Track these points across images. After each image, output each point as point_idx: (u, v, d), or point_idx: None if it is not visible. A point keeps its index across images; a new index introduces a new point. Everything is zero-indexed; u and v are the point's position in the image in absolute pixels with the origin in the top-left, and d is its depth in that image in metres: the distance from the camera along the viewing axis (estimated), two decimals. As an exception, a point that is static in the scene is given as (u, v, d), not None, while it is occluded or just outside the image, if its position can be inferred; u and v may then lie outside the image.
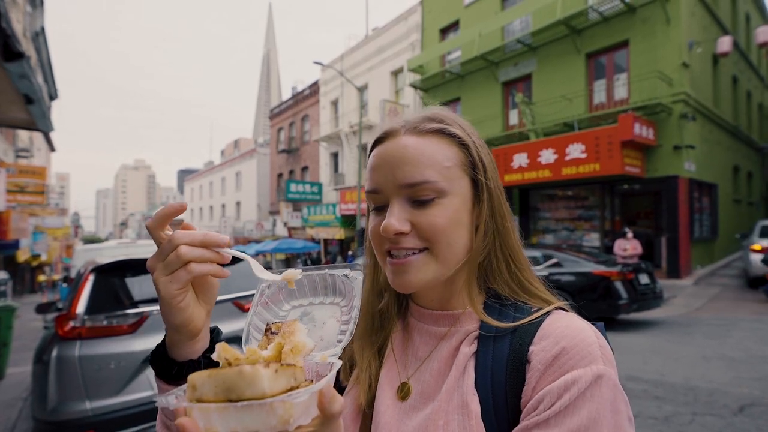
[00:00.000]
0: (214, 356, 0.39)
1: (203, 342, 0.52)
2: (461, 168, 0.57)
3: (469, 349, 0.56)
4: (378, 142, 0.60)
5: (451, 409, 0.52)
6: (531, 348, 0.51)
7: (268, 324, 0.46)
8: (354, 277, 0.53)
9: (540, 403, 0.47)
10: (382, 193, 0.58)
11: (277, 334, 0.43)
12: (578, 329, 0.51)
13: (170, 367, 0.51)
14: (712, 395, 3.81)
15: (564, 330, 0.51)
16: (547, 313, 0.55)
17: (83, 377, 2.58)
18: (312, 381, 0.39)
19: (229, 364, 0.37)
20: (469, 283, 0.59)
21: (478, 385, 0.52)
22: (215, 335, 0.55)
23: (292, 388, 0.36)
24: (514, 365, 0.51)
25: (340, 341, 0.49)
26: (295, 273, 0.50)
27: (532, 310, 0.56)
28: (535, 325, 0.53)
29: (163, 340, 0.53)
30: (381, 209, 0.58)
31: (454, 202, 0.56)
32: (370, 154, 0.61)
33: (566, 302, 0.59)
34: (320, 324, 0.52)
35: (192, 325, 0.49)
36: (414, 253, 0.56)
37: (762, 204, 18.20)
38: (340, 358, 0.44)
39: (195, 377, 0.35)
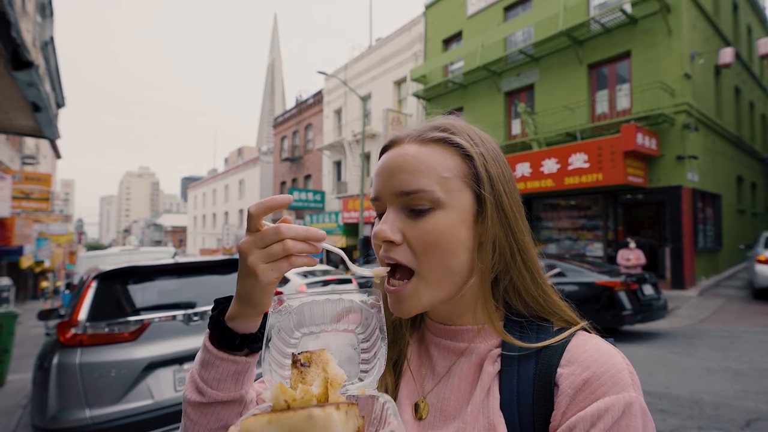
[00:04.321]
0: (267, 397, 0.36)
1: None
2: (462, 180, 0.54)
3: (493, 368, 0.54)
4: (384, 150, 0.60)
5: (476, 431, 0.51)
6: (559, 371, 0.50)
7: (294, 355, 0.41)
8: (372, 303, 0.50)
9: (572, 430, 0.46)
10: (381, 200, 0.57)
11: (308, 366, 0.39)
12: (608, 354, 0.50)
13: (233, 337, 0.54)
14: (717, 409, 3.75)
15: (593, 354, 0.50)
16: (572, 335, 0.53)
17: (83, 385, 2.56)
18: (363, 417, 0.36)
19: (288, 406, 0.34)
20: (484, 300, 0.56)
21: (504, 406, 0.51)
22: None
23: (359, 430, 0.33)
24: (541, 388, 0.50)
25: (364, 371, 0.46)
26: (382, 270, 0.55)
27: (554, 329, 0.55)
28: (561, 346, 0.52)
29: (219, 312, 0.56)
30: (382, 217, 0.58)
31: (450, 216, 0.53)
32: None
33: (588, 321, 0.57)
34: (337, 352, 0.48)
35: (269, 303, 0.53)
36: (404, 282, 0.54)
37: (766, 215, 18.10)
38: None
39: (251, 424, 0.30)
